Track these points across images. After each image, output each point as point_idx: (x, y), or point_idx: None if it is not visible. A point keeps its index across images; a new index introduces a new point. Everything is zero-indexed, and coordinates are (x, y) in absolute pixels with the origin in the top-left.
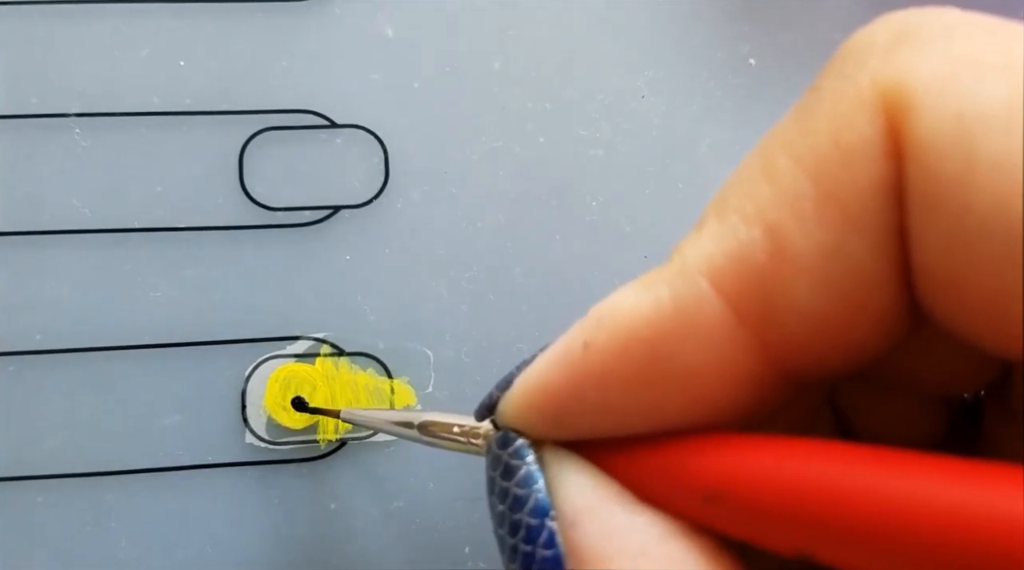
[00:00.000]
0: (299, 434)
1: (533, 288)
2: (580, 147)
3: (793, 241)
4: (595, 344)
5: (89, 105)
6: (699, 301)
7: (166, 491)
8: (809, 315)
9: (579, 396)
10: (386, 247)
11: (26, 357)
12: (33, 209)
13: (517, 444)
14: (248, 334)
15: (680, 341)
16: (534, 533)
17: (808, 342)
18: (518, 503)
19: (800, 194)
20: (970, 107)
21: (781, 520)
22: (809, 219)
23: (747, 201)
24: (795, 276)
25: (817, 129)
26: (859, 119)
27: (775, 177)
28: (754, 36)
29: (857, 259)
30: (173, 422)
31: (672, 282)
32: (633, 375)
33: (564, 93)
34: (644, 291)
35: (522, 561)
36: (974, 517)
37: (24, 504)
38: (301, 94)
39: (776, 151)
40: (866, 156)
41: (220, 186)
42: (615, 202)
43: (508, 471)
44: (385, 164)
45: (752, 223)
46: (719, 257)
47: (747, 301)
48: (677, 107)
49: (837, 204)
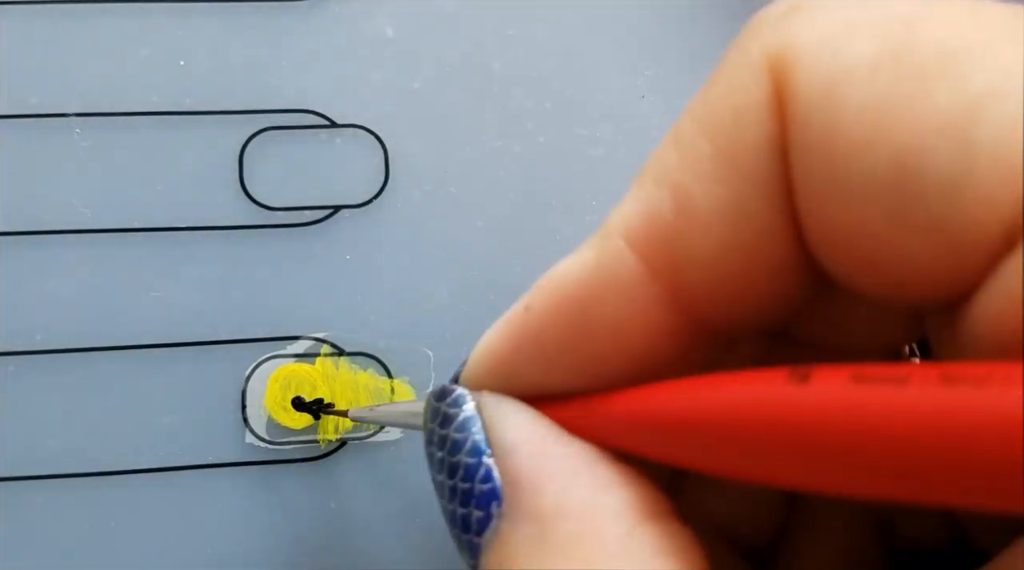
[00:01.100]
0: (299, 434)
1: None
2: (580, 147)
3: (695, 199)
4: (533, 306)
5: (89, 105)
6: (618, 260)
7: (166, 491)
8: (713, 267)
9: (520, 354)
10: (386, 247)
11: (26, 357)
12: (33, 209)
13: (456, 394)
14: (248, 334)
15: (602, 297)
16: (472, 470)
17: (716, 293)
18: (456, 446)
19: (700, 154)
20: (838, 64)
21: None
22: (708, 177)
23: (658, 166)
24: (698, 231)
25: (715, 95)
26: (749, 81)
27: (680, 141)
28: None
29: (753, 213)
30: (173, 422)
31: (596, 244)
32: (565, 332)
33: (564, 93)
34: (575, 255)
35: (461, 498)
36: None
37: (24, 504)
38: (301, 94)
39: (683, 119)
40: (755, 115)
41: (220, 186)
42: (615, 202)
43: (446, 419)
44: (385, 164)
45: (661, 185)
46: (633, 218)
47: (658, 257)
48: (677, 107)
49: (732, 161)
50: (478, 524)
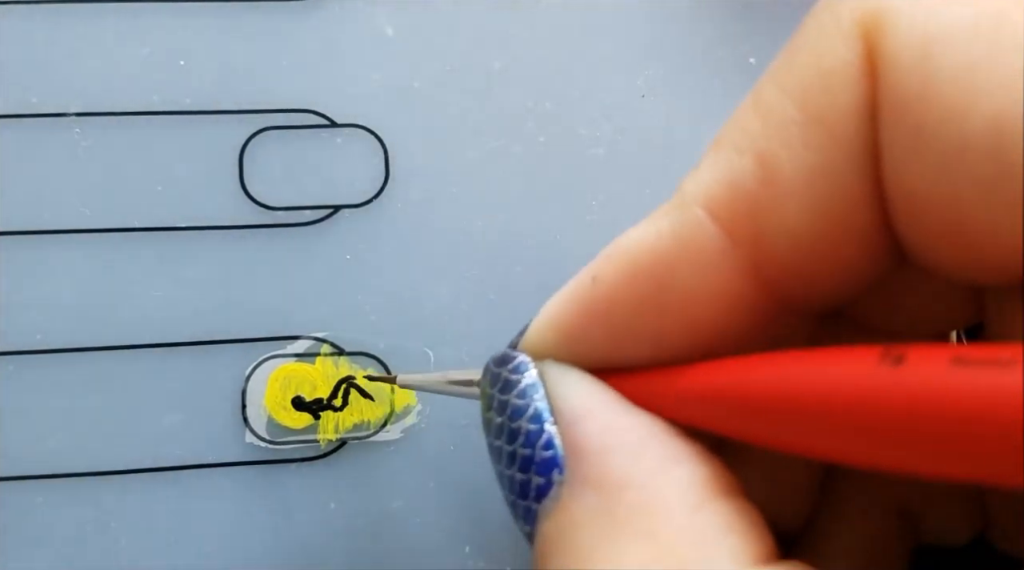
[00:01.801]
0: (299, 434)
1: (533, 288)
2: (580, 147)
3: (781, 165)
4: (601, 276)
5: (89, 104)
6: (695, 228)
7: (166, 491)
8: (798, 236)
9: (588, 325)
10: (386, 247)
11: (26, 357)
12: (33, 209)
13: (518, 360)
14: (248, 334)
15: (678, 267)
16: (533, 436)
17: (798, 263)
18: (517, 412)
19: (786, 120)
20: (934, 26)
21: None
22: (795, 143)
23: (738, 132)
24: (784, 199)
25: (801, 59)
26: (838, 44)
27: (763, 107)
28: (754, 35)
29: (842, 179)
30: (173, 422)
31: (671, 213)
32: (636, 302)
33: (564, 93)
34: (646, 224)
35: (521, 464)
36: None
37: (24, 504)
38: (301, 94)
39: (765, 84)
40: (845, 78)
41: (220, 186)
42: (615, 202)
43: (507, 385)
44: (385, 164)
45: (743, 152)
46: (713, 186)
47: (740, 225)
48: (677, 107)
49: (821, 126)
50: (537, 490)
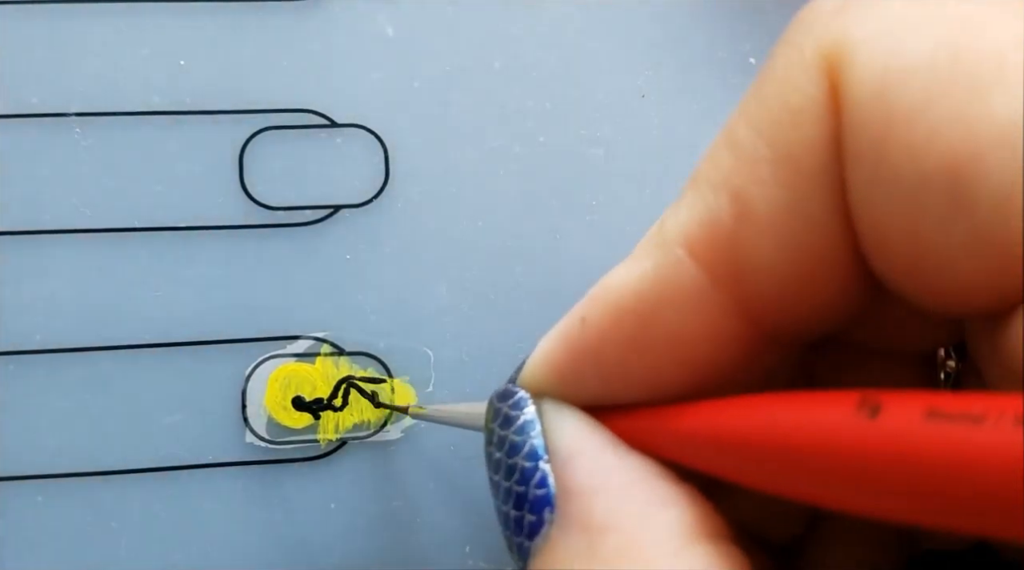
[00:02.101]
0: (299, 433)
1: (533, 288)
2: (580, 147)
3: (754, 202)
4: (589, 317)
5: (89, 105)
6: (676, 268)
7: (166, 491)
8: (775, 271)
9: (578, 365)
10: (386, 247)
11: (26, 357)
12: (33, 209)
13: (517, 396)
14: (248, 333)
15: (662, 308)
16: (528, 474)
17: (779, 298)
18: (514, 448)
19: (758, 158)
20: (893, 61)
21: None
22: (767, 181)
23: (713, 170)
24: (759, 235)
25: (769, 94)
26: (804, 80)
27: (736, 145)
28: (754, 35)
29: (813, 215)
30: (173, 422)
31: (653, 253)
32: (624, 344)
33: (564, 93)
34: (631, 264)
35: (515, 501)
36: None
37: (24, 504)
38: (301, 93)
39: (737, 120)
40: (812, 115)
41: (220, 186)
42: (615, 202)
43: (507, 421)
44: (385, 164)
45: (718, 190)
46: (692, 225)
47: (719, 263)
48: (677, 107)
49: (790, 163)
50: (530, 528)
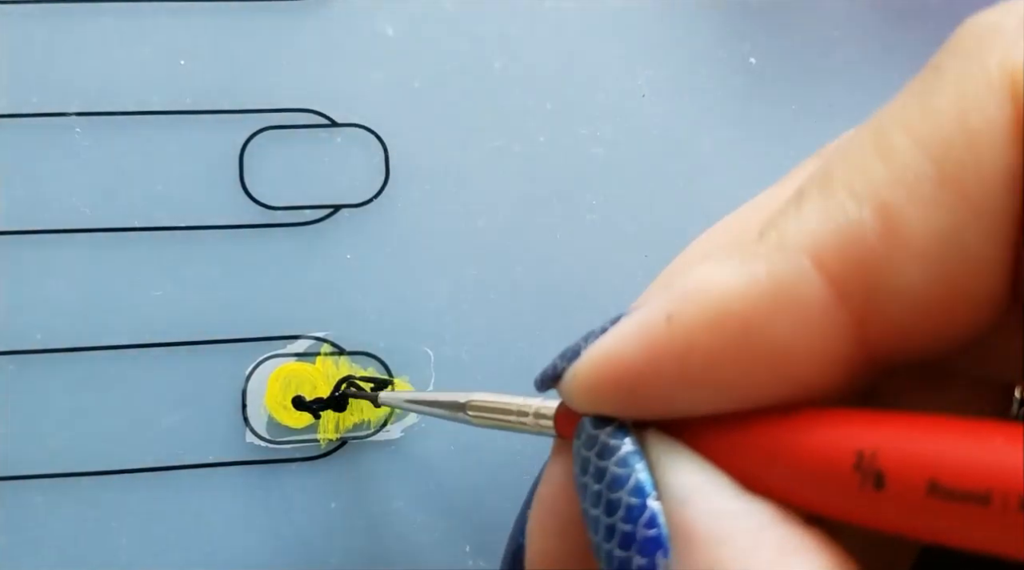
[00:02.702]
0: (299, 433)
1: (533, 287)
2: (580, 147)
3: (908, 223)
4: (681, 317)
5: (89, 105)
6: (799, 278)
7: (167, 490)
8: (915, 300)
9: (658, 371)
10: (386, 246)
11: (26, 357)
12: (33, 209)
13: (615, 424)
14: (248, 333)
15: (775, 318)
16: (635, 512)
17: (909, 327)
18: (617, 482)
19: (919, 175)
20: None
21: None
22: (927, 201)
23: (857, 177)
24: (907, 259)
25: (940, 109)
26: (988, 102)
27: (891, 155)
28: (755, 35)
29: (973, 246)
30: (174, 421)
31: (770, 257)
32: (720, 351)
33: (564, 93)
34: (737, 266)
35: (621, 540)
36: None
37: (24, 504)
38: (301, 93)
39: (892, 128)
40: (993, 141)
41: (220, 185)
42: (615, 202)
43: (606, 451)
44: (385, 163)
45: (863, 201)
46: (824, 235)
47: (851, 282)
48: (677, 107)
49: (959, 188)
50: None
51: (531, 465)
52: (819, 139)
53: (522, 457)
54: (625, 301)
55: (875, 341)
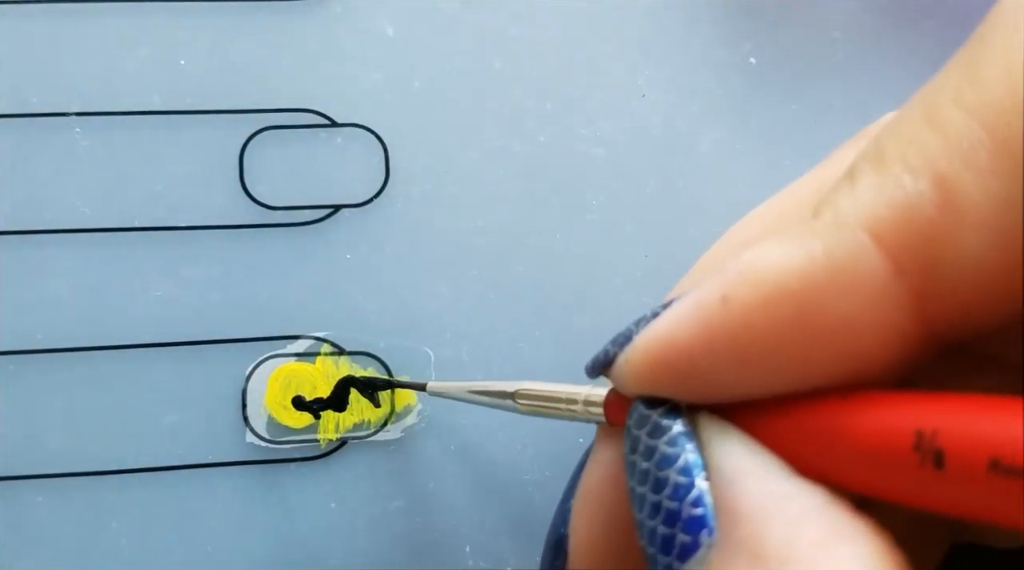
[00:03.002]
0: (300, 433)
1: (533, 287)
2: (580, 146)
3: (967, 193)
4: (737, 297)
5: (89, 105)
6: (857, 254)
7: (167, 490)
8: (977, 271)
9: (714, 352)
10: (386, 246)
11: (26, 357)
12: (33, 209)
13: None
14: (248, 333)
15: (834, 296)
16: (682, 491)
17: (970, 299)
18: (666, 460)
19: (974, 144)
20: None
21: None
22: (984, 170)
23: (912, 151)
24: (968, 230)
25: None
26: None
27: (944, 126)
28: (755, 35)
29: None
30: (173, 421)
31: (825, 235)
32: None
33: (564, 93)
34: (792, 245)
35: (665, 517)
36: None
37: (24, 504)
38: (301, 93)
39: (943, 101)
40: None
41: (220, 185)
42: (615, 202)
43: (657, 429)
44: (385, 163)
45: (919, 174)
46: (881, 209)
47: (911, 256)
48: (677, 107)
49: (1014, 154)
50: (681, 549)
51: (531, 466)
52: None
53: (522, 458)
54: (625, 301)
55: (935, 316)
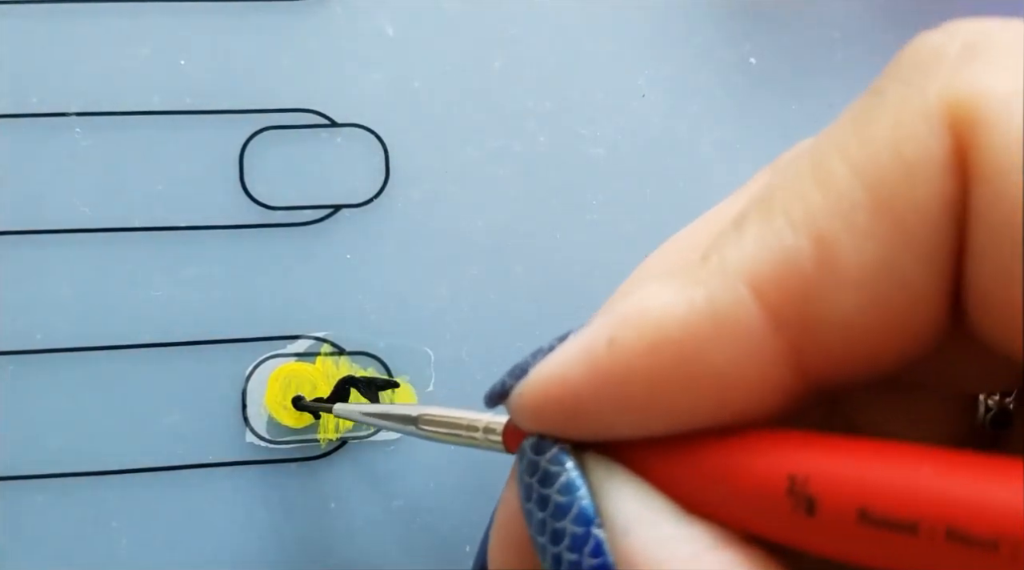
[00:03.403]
0: (299, 433)
1: (533, 287)
2: (580, 147)
3: (843, 253)
4: (621, 341)
5: (89, 104)
6: (736, 306)
7: (167, 490)
8: (851, 329)
9: (600, 393)
10: (387, 246)
11: (26, 357)
12: (33, 209)
13: (555, 450)
14: (248, 333)
15: (712, 345)
16: (579, 541)
17: (844, 355)
18: (560, 510)
19: (855, 204)
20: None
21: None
22: (862, 231)
23: (796, 205)
24: (841, 289)
25: (877, 137)
26: (924, 131)
27: (828, 183)
28: (755, 35)
29: (908, 276)
30: (173, 421)
31: (709, 283)
32: (659, 376)
33: (564, 93)
34: (677, 290)
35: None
36: None
37: (24, 504)
38: (301, 93)
39: (831, 154)
40: (929, 171)
41: (220, 185)
42: (615, 202)
43: (547, 477)
44: (385, 163)
45: (800, 229)
46: (762, 262)
47: (787, 310)
48: (677, 107)
49: (893, 218)
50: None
51: None
52: None
53: None
54: None
55: (811, 367)
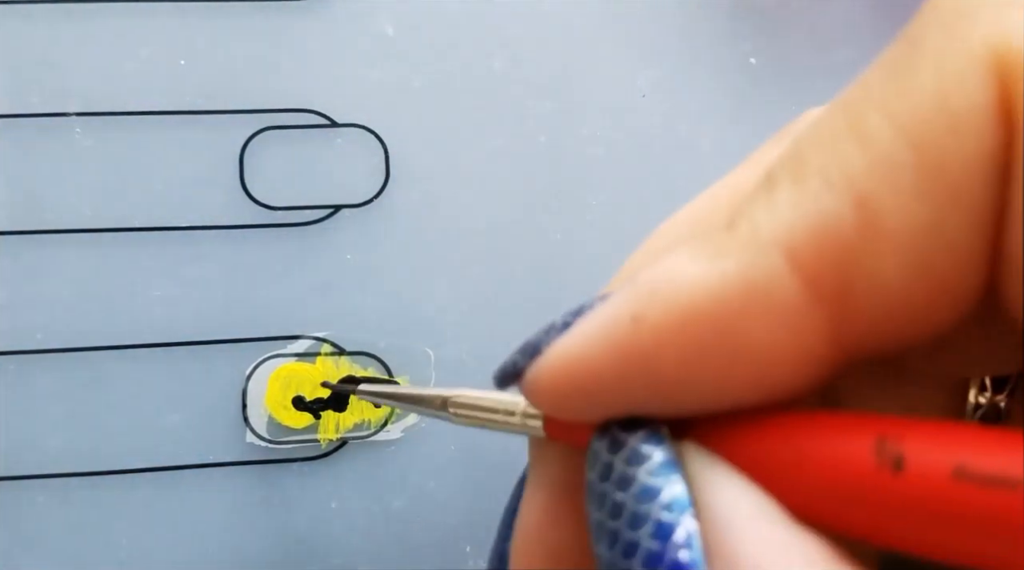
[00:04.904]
0: (300, 433)
1: (533, 287)
2: (580, 146)
3: (888, 215)
4: (647, 318)
5: (89, 105)
6: (772, 276)
7: (167, 490)
8: (893, 296)
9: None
10: (387, 246)
11: (26, 357)
12: (33, 209)
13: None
14: (249, 333)
15: (748, 320)
16: (666, 529)
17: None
18: (647, 493)
19: (898, 162)
20: None
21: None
22: (907, 192)
23: (832, 165)
24: (885, 255)
25: (919, 88)
26: (970, 82)
27: (867, 140)
28: (755, 35)
29: (954, 238)
30: (174, 422)
31: (742, 253)
32: (690, 354)
33: (564, 93)
34: (706, 261)
35: (645, 559)
36: None
37: (24, 504)
38: (301, 93)
39: (868, 109)
40: (976, 124)
41: (221, 185)
42: (615, 202)
43: (637, 457)
44: (386, 163)
45: (839, 192)
46: (797, 229)
47: (826, 279)
48: (677, 107)
49: (940, 177)
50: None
51: None
52: None
53: (522, 458)
54: None
55: (850, 338)
